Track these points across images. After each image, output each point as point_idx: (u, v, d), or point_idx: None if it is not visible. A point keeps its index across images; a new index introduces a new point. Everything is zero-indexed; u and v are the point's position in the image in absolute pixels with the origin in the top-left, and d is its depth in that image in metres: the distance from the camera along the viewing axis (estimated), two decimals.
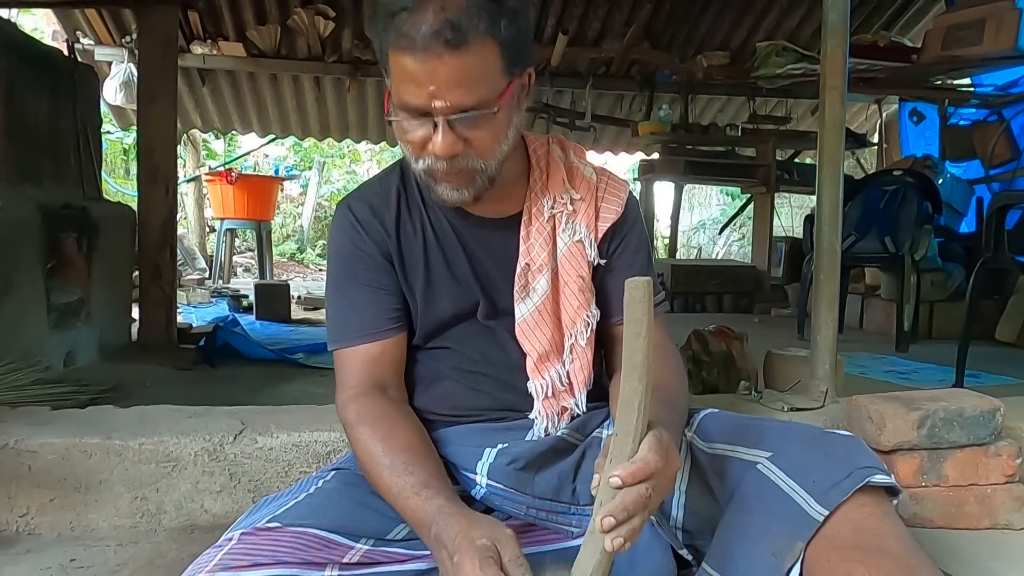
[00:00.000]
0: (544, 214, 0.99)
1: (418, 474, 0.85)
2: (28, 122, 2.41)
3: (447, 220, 0.99)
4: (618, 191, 1.03)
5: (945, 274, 3.83)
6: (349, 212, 1.00)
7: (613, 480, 0.68)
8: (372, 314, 0.97)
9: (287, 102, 5.57)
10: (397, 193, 1.00)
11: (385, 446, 0.88)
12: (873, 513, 0.78)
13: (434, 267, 0.99)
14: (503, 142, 0.89)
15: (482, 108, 0.83)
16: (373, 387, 0.96)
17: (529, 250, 0.98)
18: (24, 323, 2.20)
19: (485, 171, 0.89)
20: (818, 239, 1.56)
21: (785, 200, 7.28)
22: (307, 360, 2.82)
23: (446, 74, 0.80)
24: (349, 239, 0.99)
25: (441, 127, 0.83)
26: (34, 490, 1.23)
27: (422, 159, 0.88)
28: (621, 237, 1.02)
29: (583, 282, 0.98)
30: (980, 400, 1.31)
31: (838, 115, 1.53)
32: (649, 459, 0.70)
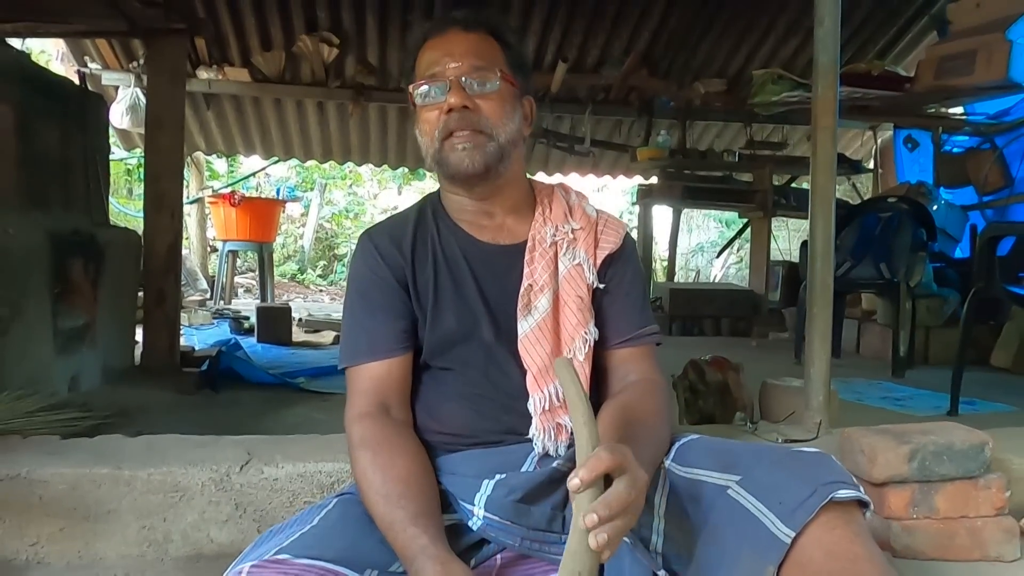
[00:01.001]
0: (547, 241, 1.08)
1: (408, 508, 0.89)
2: (39, 151, 2.46)
3: (458, 247, 1.08)
4: (616, 228, 1.12)
5: (940, 300, 3.87)
6: (369, 241, 1.10)
7: (573, 483, 0.72)
8: (380, 335, 1.04)
9: (290, 125, 5.65)
10: (414, 225, 1.10)
11: (383, 475, 0.93)
12: (844, 535, 0.79)
13: (442, 288, 1.06)
14: (508, 120, 1.03)
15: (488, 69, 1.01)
16: (378, 407, 1.02)
17: (532, 272, 1.06)
18: (30, 348, 2.23)
19: (494, 138, 1.01)
20: (811, 273, 1.60)
21: (782, 223, 7.34)
22: (308, 385, 2.84)
23: (459, 44, 1.02)
24: (367, 265, 1.08)
25: (454, 86, 1.00)
26: (44, 519, 1.25)
27: (439, 130, 1.01)
28: (619, 267, 1.10)
29: (582, 302, 1.05)
30: (969, 434, 1.34)
31: (829, 154, 1.58)
32: (601, 455, 0.74)
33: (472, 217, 1.09)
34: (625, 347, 1.08)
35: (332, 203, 10.11)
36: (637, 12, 4.77)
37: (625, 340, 1.08)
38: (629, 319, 1.09)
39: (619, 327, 1.08)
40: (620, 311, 1.09)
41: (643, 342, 1.09)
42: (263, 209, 5.86)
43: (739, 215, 5.86)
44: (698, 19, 4.87)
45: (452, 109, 1.00)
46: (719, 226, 8.74)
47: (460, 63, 1.01)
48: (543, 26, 4.84)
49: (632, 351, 1.08)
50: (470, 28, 1.04)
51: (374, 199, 10.55)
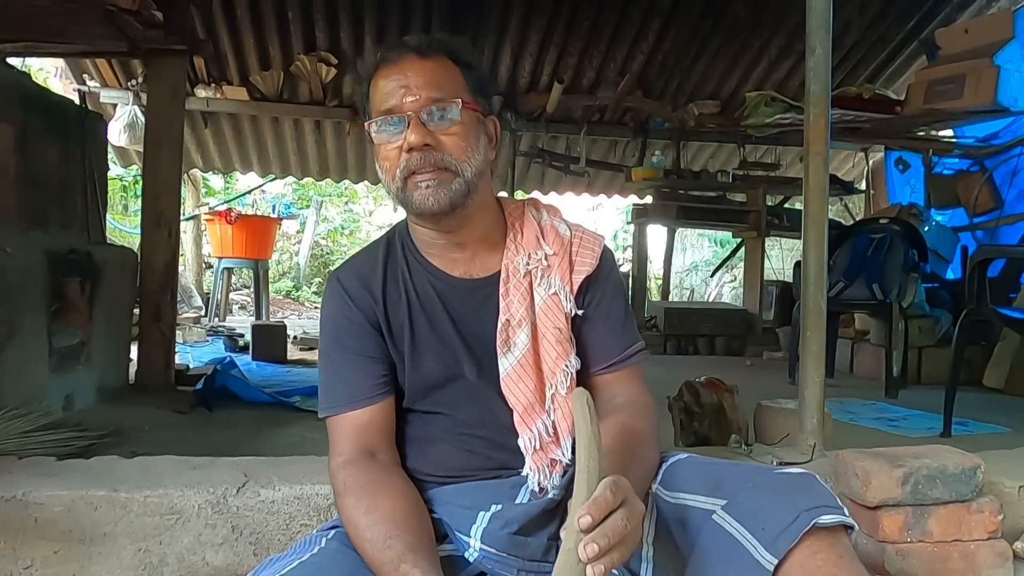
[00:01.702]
0: (520, 271, 1.04)
1: (396, 548, 0.88)
2: (39, 170, 2.48)
3: (430, 284, 1.05)
4: (592, 245, 1.08)
5: (933, 320, 3.90)
6: (338, 284, 1.05)
7: (584, 520, 0.71)
8: (358, 382, 1.01)
9: (287, 144, 5.68)
10: (384, 262, 1.06)
11: (368, 518, 0.91)
12: (828, 559, 0.79)
13: (419, 330, 1.03)
14: (473, 152, 0.98)
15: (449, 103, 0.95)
16: (362, 453, 0.99)
17: (508, 306, 1.03)
18: (26, 367, 2.22)
19: (460, 175, 0.96)
20: (804, 296, 1.62)
21: (775, 243, 7.39)
22: (303, 404, 2.84)
23: (416, 74, 0.96)
24: (339, 310, 1.04)
25: (413, 122, 0.95)
26: (39, 542, 1.25)
27: (400, 168, 0.96)
28: (597, 289, 1.07)
29: (560, 333, 1.03)
30: (962, 457, 1.35)
31: (822, 180, 1.61)
32: (607, 496, 0.73)
33: (442, 251, 1.04)
34: (610, 372, 1.06)
35: (328, 220, 10.13)
36: (632, 34, 4.84)
37: (609, 365, 1.06)
38: (612, 343, 1.06)
39: (602, 352, 1.05)
40: (602, 335, 1.06)
41: (628, 364, 1.07)
42: (259, 226, 5.87)
43: (733, 235, 5.91)
44: (692, 41, 4.95)
45: (412, 148, 0.94)
46: (713, 246, 8.80)
47: (418, 96, 0.94)
48: (539, 47, 4.91)
49: (617, 375, 1.06)
50: (426, 54, 0.97)
51: (369, 216, 10.59)
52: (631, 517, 0.74)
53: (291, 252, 9.67)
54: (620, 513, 0.73)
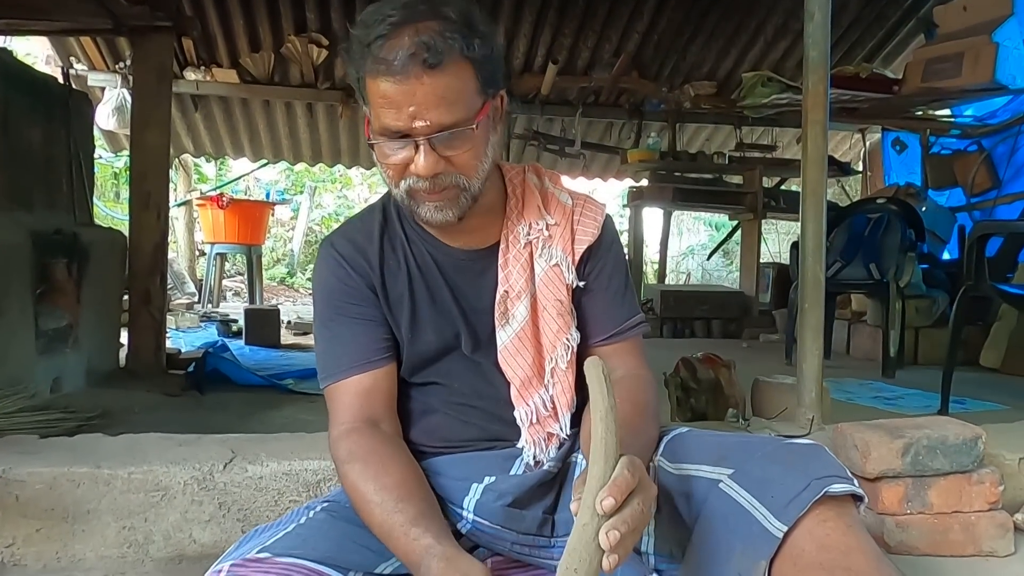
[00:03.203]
0: (520, 241, 1.00)
1: (407, 511, 0.84)
2: (22, 149, 2.43)
3: (429, 254, 1.01)
4: (594, 214, 1.04)
5: (930, 300, 3.89)
6: (332, 249, 1.01)
7: (607, 502, 0.67)
8: (361, 345, 0.98)
9: (279, 128, 5.62)
10: (380, 229, 1.01)
11: (376, 483, 0.88)
12: (836, 527, 0.77)
13: (418, 300, 1.00)
14: (483, 160, 0.91)
15: (461, 126, 0.86)
16: (365, 422, 0.95)
17: (507, 277, 0.99)
18: (12, 349, 2.19)
19: (468, 189, 0.91)
20: (802, 269, 1.60)
21: (772, 226, 7.37)
22: (296, 386, 2.81)
23: (424, 94, 0.83)
24: (334, 275, 1.00)
25: (423, 147, 0.86)
26: (20, 520, 1.22)
27: (404, 181, 0.90)
28: (598, 259, 1.03)
29: (561, 306, 0.99)
30: (962, 428, 1.33)
31: (820, 148, 1.57)
32: (626, 475, 0.70)
33: None
34: (609, 343, 1.03)
35: (321, 207, 10.07)
36: (626, 14, 4.78)
37: (609, 336, 1.03)
38: (612, 314, 1.03)
39: (602, 324, 1.03)
40: (602, 307, 1.03)
41: (627, 336, 1.04)
42: (252, 211, 5.82)
43: (729, 217, 5.88)
44: (687, 21, 4.89)
45: (421, 175, 0.87)
46: (709, 229, 8.77)
47: (428, 121, 0.84)
48: (533, 28, 4.85)
49: (617, 347, 1.03)
50: (435, 65, 0.82)
51: (364, 203, 10.52)
52: (646, 501, 0.72)
53: (285, 239, 9.62)
54: (638, 498, 0.70)
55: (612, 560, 0.67)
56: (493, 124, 0.93)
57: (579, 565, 0.67)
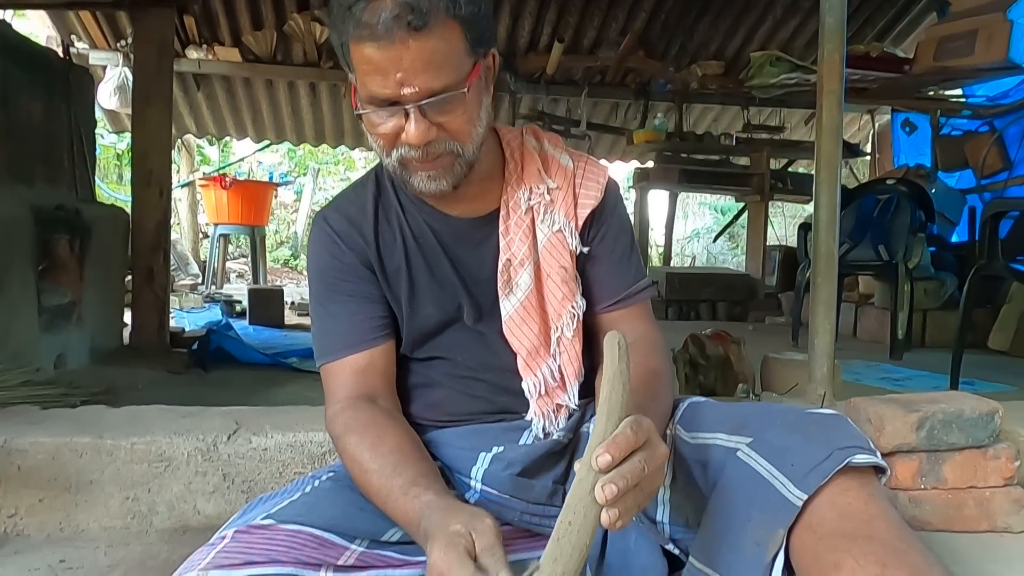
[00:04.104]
0: (521, 207, 0.97)
1: (406, 474, 0.82)
2: (22, 123, 2.40)
3: (426, 224, 0.97)
4: (597, 176, 1.00)
5: (938, 282, 3.85)
6: (326, 224, 0.98)
7: (603, 458, 0.65)
8: (357, 324, 0.95)
9: (282, 108, 5.57)
10: (374, 201, 0.98)
11: (373, 452, 0.86)
12: (859, 496, 0.75)
13: (416, 273, 0.97)
14: (477, 125, 0.87)
15: (452, 90, 0.81)
16: (362, 398, 0.93)
17: (509, 245, 0.96)
18: (14, 325, 2.18)
19: (463, 156, 0.87)
20: (815, 243, 1.57)
21: (778, 209, 7.32)
22: (301, 364, 2.80)
23: (411, 59, 0.79)
24: (328, 252, 0.97)
25: (413, 115, 0.82)
26: (23, 490, 1.21)
27: (395, 151, 0.86)
28: (602, 223, 1.00)
29: (566, 272, 0.96)
30: (979, 402, 1.30)
31: (835, 119, 1.54)
32: (628, 434, 0.67)
33: None
34: (616, 309, 1.00)
35: (324, 189, 10.03)
36: None
37: (616, 302, 1.00)
38: (618, 279, 1.00)
39: (608, 289, 1.00)
40: (608, 272, 1.00)
41: (635, 300, 1.01)
42: (255, 192, 5.79)
43: (736, 199, 5.83)
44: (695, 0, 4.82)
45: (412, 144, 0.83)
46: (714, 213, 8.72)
47: (417, 87, 0.79)
48: (538, 6, 4.78)
49: (625, 312, 1.00)
50: (420, 28, 0.77)
51: None
52: (651, 460, 0.69)
53: (289, 221, 9.59)
54: (640, 455, 0.68)
55: (612, 515, 0.64)
56: (486, 85, 0.90)
57: (574, 518, 0.65)
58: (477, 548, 0.68)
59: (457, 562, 0.66)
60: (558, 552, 0.64)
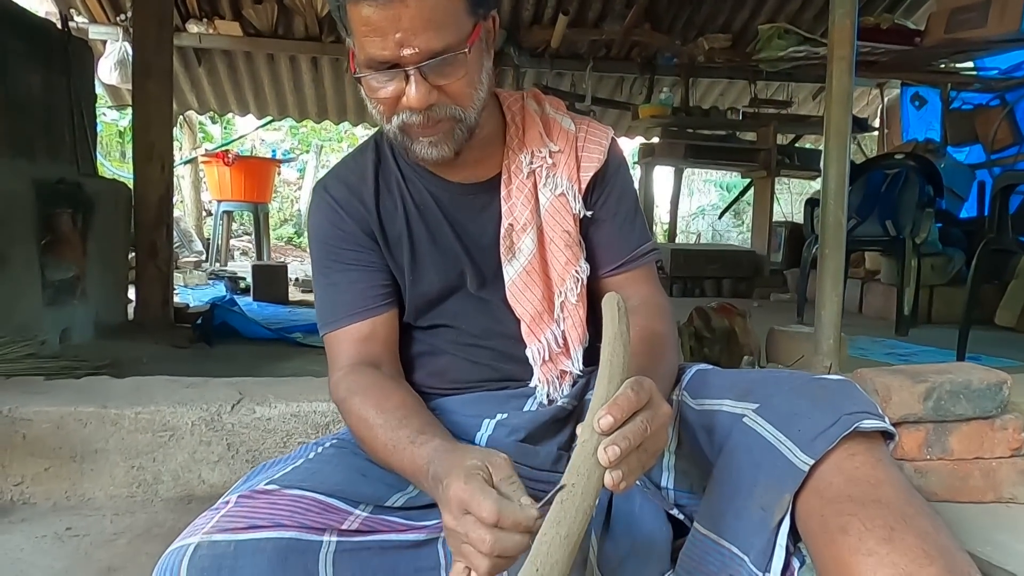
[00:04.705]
0: (523, 171, 0.95)
1: (413, 425, 0.82)
2: (21, 96, 2.38)
3: (427, 191, 0.96)
4: (599, 138, 0.98)
5: (946, 258, 3.82)
6: (326, 193, 0.96)
7: (605, 420, 0.64)
8: (359, 292, 0.94)
9: (284, 83, 5.52)
10: (374, 168, 0.96)
11: (378, 408, 0.85)
12: (866, 461, 0.74)
13: (418, 240, 0.96)
14: (478, 88, 0.85)
15: (452, 51, 0.79)
16: (364, 364, 0.93)
17: (511, 209, 0.95)
18: (19, 299, 2.18)
19: (464, 121, 0.85)
20: (823, 213, 1.55)
21: (785, 186, 7.26)
22: (305, 339, 2.80)
23: (410, 18, 0.76)
24: (328, 220, 0.96)
25: (413, 77, 0.80)
26: (28, 459, 1.21)
27: (396, 116, 0.84)
28: (605, 185, 0.98)
29: (569, 237, 0.95)
30: (987, 373, 1.29)
31: (846, 86, 1.51)
32: (629, 394, 0.66)
33: None
34: (620, 272, 0.99)
35: (328, 166, 9.98)
36: None
37: (619, 265, 0.99)
38: (622, 242, 0.99)
39: (612, 253, 0.98)
40: (611, 235, 0.98)
41: (639, 264, 1.00)
42: (257, 168, 5.76)
43: (742, 175, 5.78)
44: None
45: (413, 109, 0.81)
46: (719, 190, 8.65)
47: (416, 48, 0.78)
48: None
49: (629, 275, 0.99)
50: None
51: None
52: (654, 420, 0.68)
53: (292, 198, 9.57)
54: (642, 415, 0.67)
55: (616, 476, 0.64)
56: (486, 48, 0.88)
57: (577, 480, 0.64)
58: (495, 479, 0.67)
59: (479, 490, 0.65)
60: (562, 515, 0.63)
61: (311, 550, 0.76)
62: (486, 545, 0.62)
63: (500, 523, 0.62)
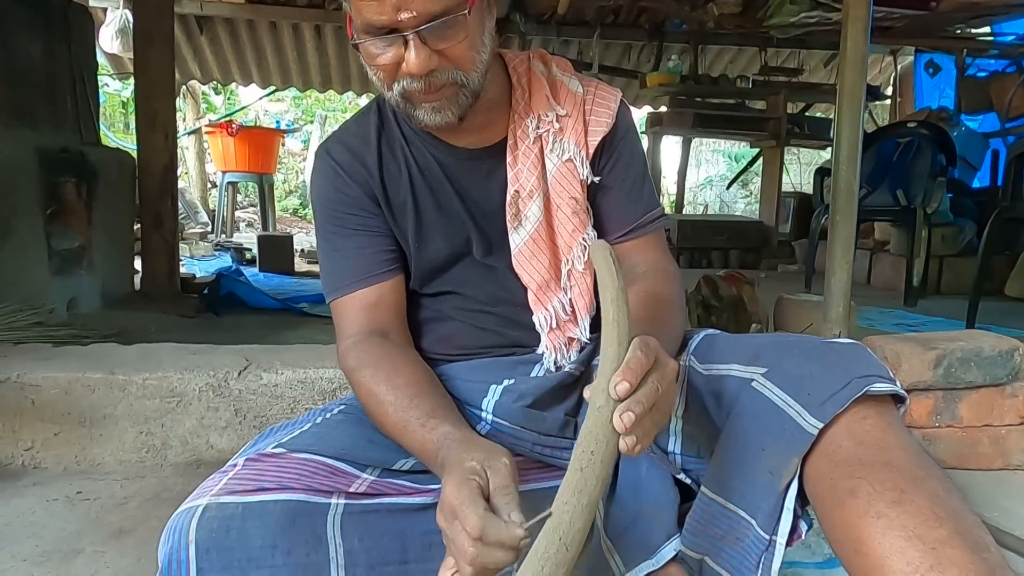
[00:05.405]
0: (529, 136, 0.93)
1: (423, 406, 0.81)
2: (21, 63, 2.35)
3: (431, 155, 0.94)
4: (608, 101, 0.96)
5: (956, 228, 3.78)
6: (328, 157, 0.94)
7: (621, 387, 0.63)
8: (365, 258, 0.93)
9: (287, 52, 5.45)
10: (376, 132, 0.94)
11: (389, 384, 0.85)
12: (876, 424, 0.72)
13: (423, 206, 0.94)
14: (480, 51, 0.83)
15: (452, 13, 0.77)
16: (373, 333, 0.92)
17: (517, 176, 0.93)
18: (25, 268, 2.18)
19: (467, 85, 0.83)
20: (835, 179, 1.52)
21: (794, 156, 7.16)
22: (311, 309, 2.81)
23: None
24: (332, 184, 0.94)
25: (412, 42, 0.77)
26: (38, 424, 1.22)
27: (397, 83, 0.82)
28: (613, 149, 0.95)
29: (576, 204, 0.93)
30: (999, 340, 1.28)
31: (860, 49, 1.47)
32: (639, 356, 0.65)
33: None
34: (628, 239, 0.97)
35: None
36: None
37: (627, 232, 0.97)
38: (630, 209, 0.97)
39: (619, 219, 0.96)
40: (619, 201, 0.96)
41: (648, 230, 0.98)
42: (261, 139, 5.72)
43: (751, 145, 5.71)
44: None
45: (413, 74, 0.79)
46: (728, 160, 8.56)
47: (414, 11, 0.76)
48: None
49: (637, 242, 0.97)
50: None
51: None
52: (663, 379, 0.67)
53: (297, 170, 9.52)
54: (653, 376, 0.66)
55: (630, 442, 0.63)
56: (488, 8, 0.85)
57: (595, 447, 0.64)
58: (491, 486, 0.67)
59: (469, 499, 0.65)
60: (583, 483, 0.63)
61: (319, 512, 0.77)
62: (467, 556, 0.62)
63: (483, 539, 0.62)
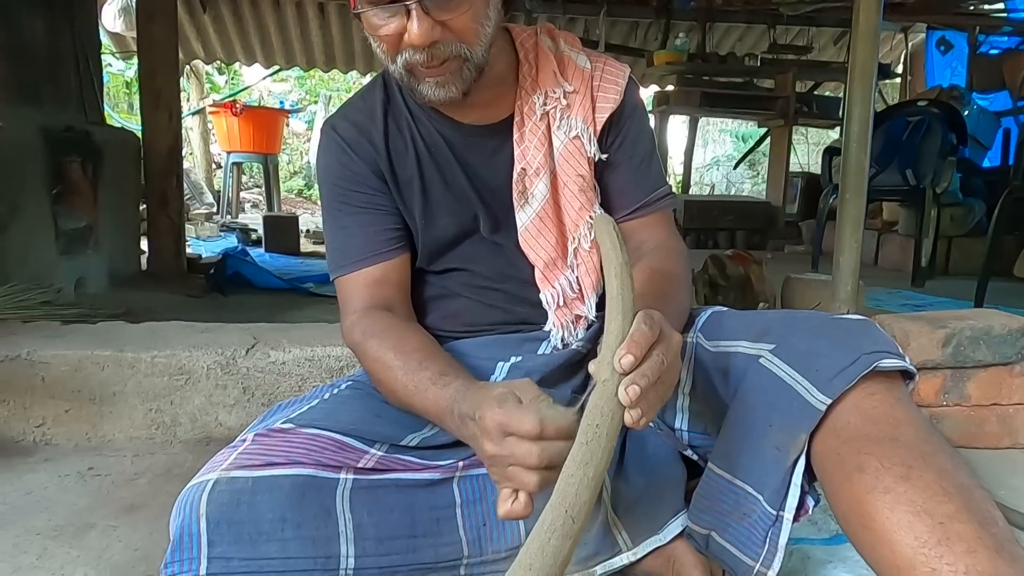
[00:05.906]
0: (536, 112, 0.92)
1: (433, 367, 0.82)
2: (24, 42, 2.33)
3: (438, 132, 0.93)
4: (616, 76, 0.95)
5: (966, 209, 3.75)
6: (334, 133, 0.93)
7: (626, 360, 0.64)
8: (370, 236, 0.93)
9: (291, 31, 5.41)
10: (383, 108, 0.93)
11: (397, 351, 0.85)
12: (884, 400, 0.72)
13: (430, 183, 0.94)
14: (484, 23, 0.82)
15: None
16: (377, 307, 0.92)
17: (524, 153, 0.92)
18: (33, 248, 2.18)
19: (471, 59, 0.82)
20: (845, 157, 1.50)
21: (802, 136, 7.10)
22: (318, 289, 2.81)
23: None
24: (338, 161, 0.93)
25: (415, 12, 0.76)
26: (48, 401, 1.23)
27: (400, 55, 0.81)
28: (621, 126, 0.95)
29: (583, 181, 0.92)
30: (1008, 319, 1.27)
31: (873, 23, 1.44)
32: (644, 329, 0.65)
33: None
34: (636, 217, 0.97)
35: None
36: None
37: (635, 210, 0.96)
38: (637, 186, 0.96)
39: (627, 197, 0.96)
40: (627, 179, 0.96)
41: (655, 208, 0.97)
42: (266, 119, 5.70)
43: (758, 124, 5.65)
44: None
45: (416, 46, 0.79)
46: (735, 140, 8.49)
47: None
48: None
49: (643, 220, 0.97)
50: None
51: None
52: (668, 351, 0.67)
53: (302, 151, 9.49)
54: (658, 349, 0.66)
55: (635, 414, 0.64)
56: None
57: (601, 420, 0.64)
58: (526, 400, 0.68)
59: (517, 409, 0.65)
60: (588, 456, 0.63)
61: (328, 487, 0.77)
62: (534, 458, 0.63)
63: (544, 433, 0.63)
